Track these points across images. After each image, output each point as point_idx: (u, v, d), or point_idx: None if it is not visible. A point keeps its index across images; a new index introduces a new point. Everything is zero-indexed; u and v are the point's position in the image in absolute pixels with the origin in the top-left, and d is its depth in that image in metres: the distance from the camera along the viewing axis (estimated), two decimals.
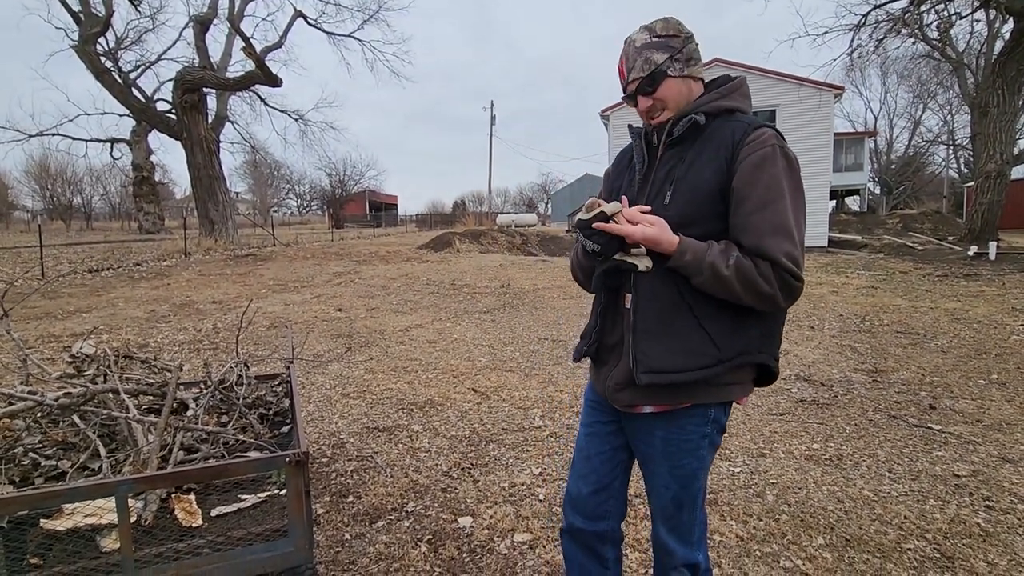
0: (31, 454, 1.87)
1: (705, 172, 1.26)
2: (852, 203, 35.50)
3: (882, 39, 16.61)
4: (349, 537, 2.43)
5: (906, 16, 15.94)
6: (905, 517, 2.51)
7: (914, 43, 20.19)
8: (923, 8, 16.21)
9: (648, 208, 1.29)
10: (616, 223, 1.25)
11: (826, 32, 16.52)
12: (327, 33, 19.00)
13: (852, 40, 16.34)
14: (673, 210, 1.28)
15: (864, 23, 16.11)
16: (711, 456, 1.40)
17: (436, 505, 2.69)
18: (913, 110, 40.73)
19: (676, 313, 1.28)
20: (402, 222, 51.32)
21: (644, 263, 1.29)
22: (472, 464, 3.13)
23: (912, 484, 2.83)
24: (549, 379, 4.75)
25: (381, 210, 55.26)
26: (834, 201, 31.47)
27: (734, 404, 1.41)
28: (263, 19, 28.07)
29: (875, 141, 40.05)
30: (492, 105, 41.14)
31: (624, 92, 1.41)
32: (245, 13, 17.84)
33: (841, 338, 6.15)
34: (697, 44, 1.37)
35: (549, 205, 65.96)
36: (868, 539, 2.35)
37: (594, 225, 1.27)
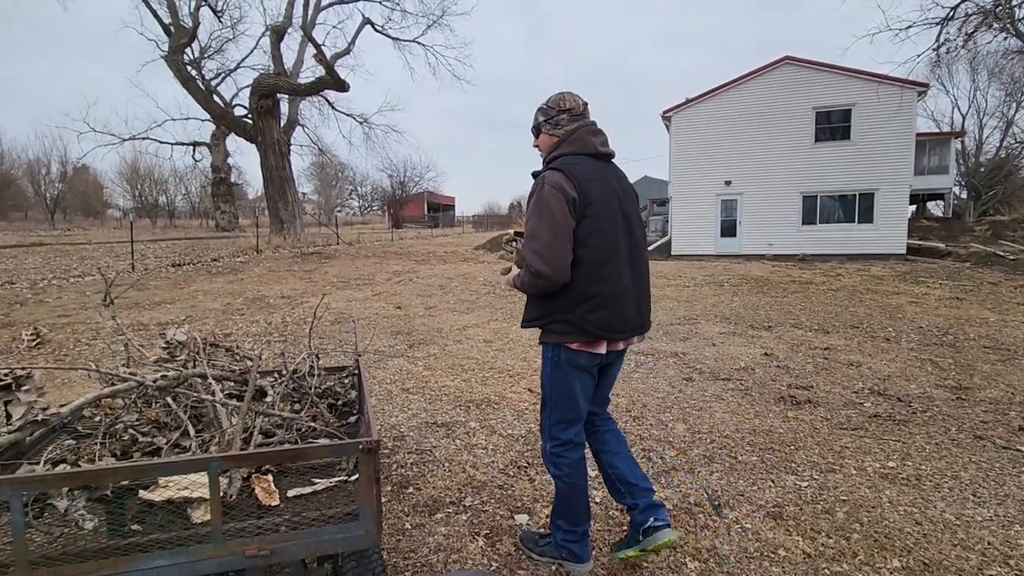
0: (130, 430, 2.05)
1: None
2: (935, 208, 33.08)
3: (971, 33, 15.41)
4: (409, 527, 2.51)
5: (997, 10, 14.72)
6: (988, 543, 2.34)
7: (1006, 38, 18.61)
8: (1016, 1, 14.92)
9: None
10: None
11: (910, 26, 15.49)
12: (392, 39, 19.62)
13: (939, 35, 15.26)
14: None
15: (952, 16, 15.01)
16: (566, 376, 2.09)
17: (493, 501, 2.74)
18: (1005, 109, 37.41)
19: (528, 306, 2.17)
20: (459, 223, 52.15)
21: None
22: (528, 463, 3.16)
23: (997, 508, 2.63)
24: None
25: (439, 211, 56.35)
26: (914, 206, 29.42)
27: (597, 353, 2.06)
28: (333, 27, 29.41)
29: (963, 142, 37.13)
30: None
31: None
32: (317, 22, 18.69)
33: (921, 351, 5.77)
34: (567, 116, 2.14)
35: None
36: (948, 564, 2.20)
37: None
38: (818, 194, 19.19)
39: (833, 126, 18.94)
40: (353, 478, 1.82)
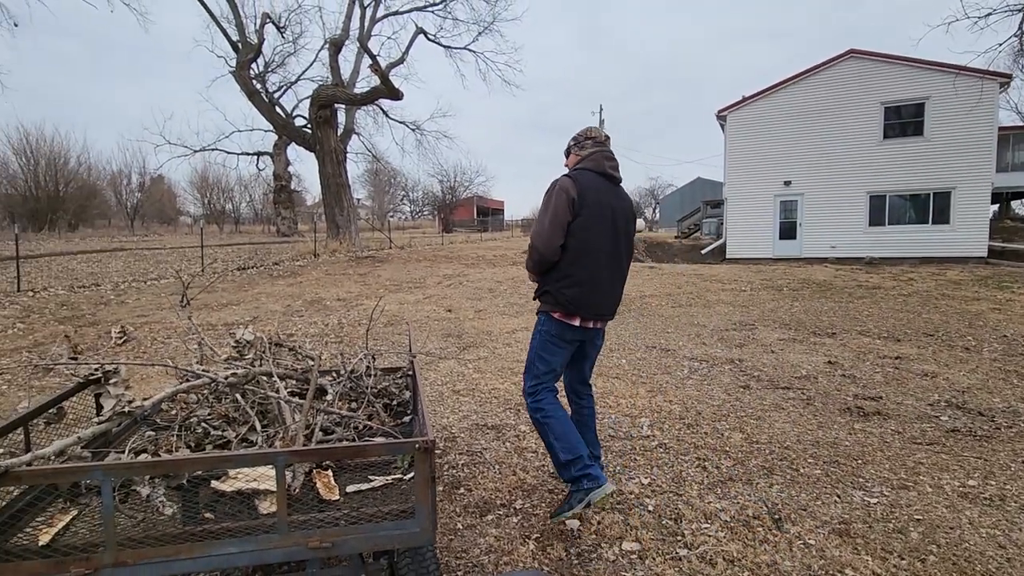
0: (203, 424, 2.17)
1: None
2: (1021, 208, 30.59)
3: None
4: (461, 527, 2.55)
5: None
6: None
7: None
8: None
9: None
10: None
11: (990, 14, 14.39)
12: (444, 47, 19.98)
13: (1022, 22, 14.11)
14: None
15: None
16: (547, 345, 2.60)
17: (543, 505, 2.74)
18: None
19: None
20: (508, 227, 52.44)
21: None
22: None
23: None
24: (658, 388, 4.62)
25: (488, 215, 56.86)
26: (996, 205, 27.30)
27: (573, 325, 2.56)
28: (388, 37, 30.29)
29: None
30: (601, 109, 40.69)
31: None
32: (372, 33, 19.30)
33: (1005, 362, 5.34)
34: (591, 142, 2.70)
35: (657, 210, 63.95)
36: None
37: None
38: (887, 193, 18.15)
39: (904, 121, 17.87)
40: (408, 476, 1.87)
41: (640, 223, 40.77)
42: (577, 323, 2.54)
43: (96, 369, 1.97)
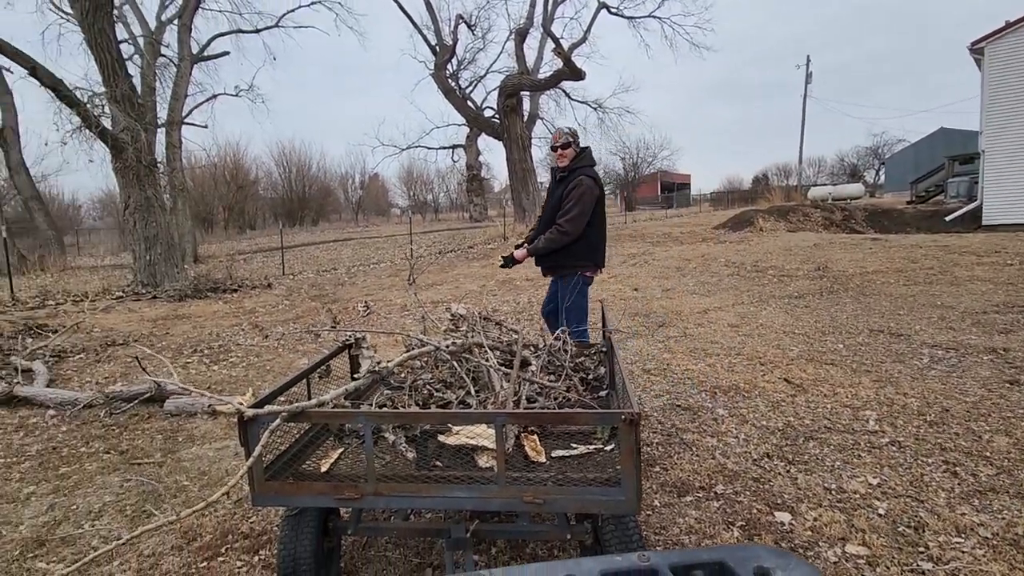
0: (427, 387, 2.50)
1: (564, 191, 3.58)
2: None
3: None
4: (658, 504, 2.54)
5: None
6: None
7: None
8: None
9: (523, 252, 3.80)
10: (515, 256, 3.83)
11: None
12: (627, 18, 19.41)
13: None
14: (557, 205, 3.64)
15: None
16: (585, 293, 3.72)
17: (747, 493, 2.58)
18: None
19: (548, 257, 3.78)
20: (695, 202, 49.23)
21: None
22: (788, 459, 2.88)
23: None
24: (887, 378, 3.99)
25: (673, 190, 54.14)
26: None
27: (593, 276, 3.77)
28: (570, 19, 30.34)
29: None
30: (808, 61, 35.70)
31: (553, 148, 3.67)
32: (555, 16, 19.58)
33: None
34: (579, 140, 3.72)
35: (881, 172, 54.15)
36: None
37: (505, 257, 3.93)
38: None
39: None
40: (609, 447, 1.92)
41: (858, 188, 34.88)
42: (597, 273, 3.75)
43: (350, 336, 2.39)
